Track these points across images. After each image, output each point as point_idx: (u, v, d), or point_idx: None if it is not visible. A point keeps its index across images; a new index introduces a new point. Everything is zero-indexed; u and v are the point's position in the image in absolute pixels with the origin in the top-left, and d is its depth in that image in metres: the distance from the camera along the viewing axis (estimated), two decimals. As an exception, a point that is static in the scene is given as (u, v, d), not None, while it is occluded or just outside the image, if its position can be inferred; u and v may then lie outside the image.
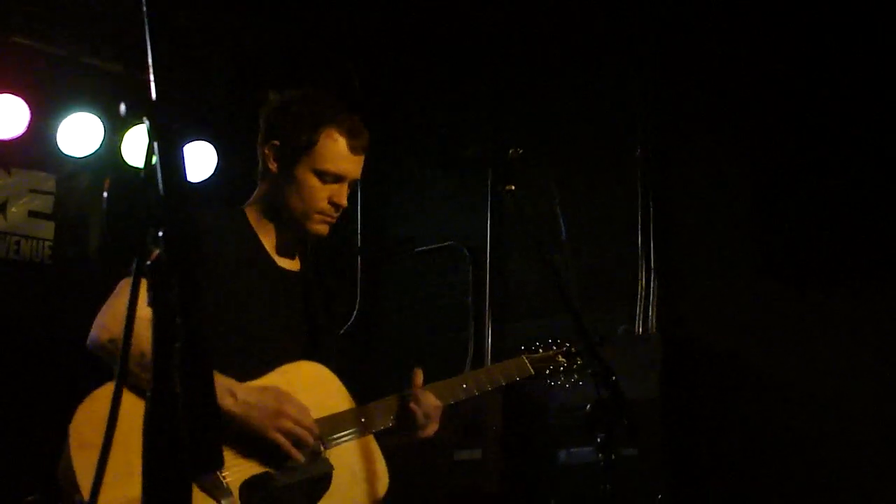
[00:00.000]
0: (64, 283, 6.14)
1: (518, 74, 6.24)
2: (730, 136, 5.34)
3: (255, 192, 3.26)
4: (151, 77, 1.55)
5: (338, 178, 3.16)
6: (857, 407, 4.73)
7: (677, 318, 5.36)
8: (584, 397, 3.27)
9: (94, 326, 2.87)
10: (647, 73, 5.67)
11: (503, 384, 3.41)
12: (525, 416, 5.19)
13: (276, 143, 3.19)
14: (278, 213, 3.19)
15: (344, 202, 3.17)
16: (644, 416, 4.63)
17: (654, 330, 5.36)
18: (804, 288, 4.98)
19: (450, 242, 6.41)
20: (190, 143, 6.21)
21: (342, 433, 3.03)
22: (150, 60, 1.59)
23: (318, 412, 2.99)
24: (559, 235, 5.16)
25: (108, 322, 2.83)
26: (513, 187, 3.10)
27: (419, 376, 3.21)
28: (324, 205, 3.15)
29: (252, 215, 3.21)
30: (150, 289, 1.51)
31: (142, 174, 1.56)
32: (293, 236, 3.23)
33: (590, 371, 3.06)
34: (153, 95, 1.56)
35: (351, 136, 3.18)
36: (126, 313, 2.69)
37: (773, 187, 5.08)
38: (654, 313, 5.40)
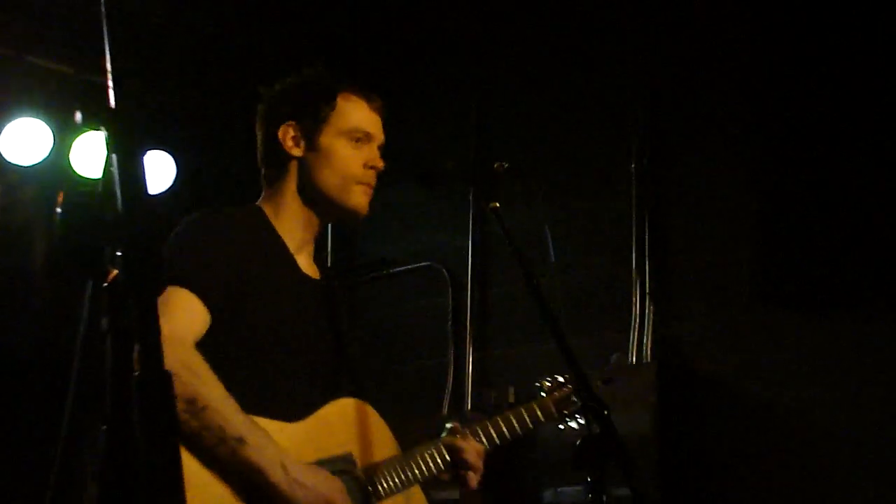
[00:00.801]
0: (3, 297, 6.13)
1: (503, 83, 6.27)
2: (730, 150, 5.37)
3: (269, 189, 3.21)
4: (109, 82, 1.54)
5: (368, 136, 3.17)
6: (866, 441, 4.76)
7: (674, 345, 5.38)
8: (572, 432, 3.27)
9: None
10: (641, 80, 5.71)
11: (531, 428, 3.41)
12: (508, 451, 5.18)
13: (292, 122, 3.17)
14: (309, 199, 3.15)
15: (380, 164, 3.16)
16: (638, 453, 4.64)
17: (649, 359, 5.37)
18: (810, 314, 5.01)
19: (428, 263, 6.41)
20: (147, 153, 6.19)
21: (389, 482, 3.05)
22: (107, 63, 1.58)
23: (366, 458, 3.02)
24: (547, 256, 5.16)
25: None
26: (497, 204, 3.10)
27: (457, 426, 3.24)
28: (360, 170, 3.14)
29: (270, 212, 3.16)
30: (105, 313, 1.50)
31: (98, 187, 1.55)
32: (316, 233, 3.21)
33: (580, 403, 3.07)
34: (111, 102, 1.55)
35: (367, 96, 3.22)
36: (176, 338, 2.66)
37: (777, 204, 5.10)
38: (649, 340, 5.42)
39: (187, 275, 2.82)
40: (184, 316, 2.79)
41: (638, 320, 5.48)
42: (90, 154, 5.88)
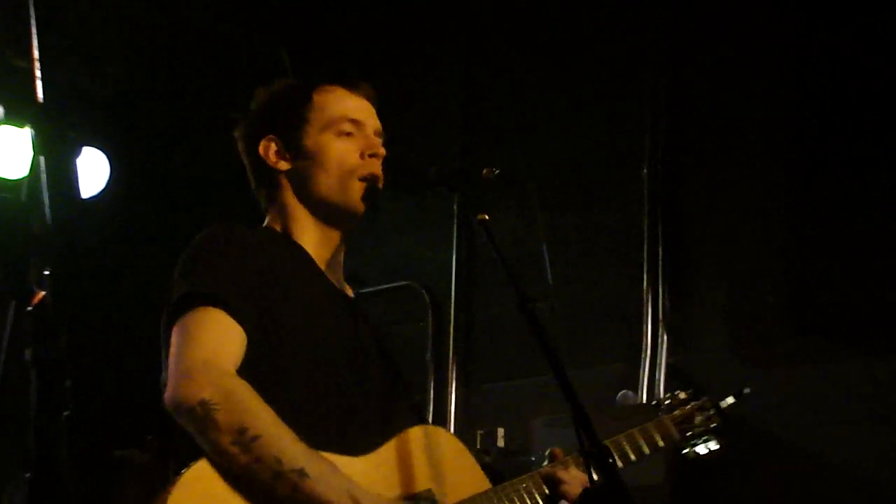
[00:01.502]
0: None
1: (493, 75, 6.29)
2: (760, 152, 5.40)
3: (271, 210, 3.26)
4: (37, 73, 1.54)
5: (357, 125, 3.21)
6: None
7: (690, 381, 5.40)
8: (698, 458, 3.33)
9: (177, 378, 2.75)
10: (655, 70, 5.74)
11: (647, 453, 3.45)
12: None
13: (272, 135, 3.23)
14: (314, 210, 3.19)
15: (381, 150, 3.20)
16: (648, 506, 4.66)
17: (662, 396, 5.39)
18: (847, 345, 5.04)
19: (405, 283, 6.43)
20: (80, 153, 6.18)
21: None
22: (35, 52, 1.58)
23: (450, 494, 3.03)
24: (544, 276, 5.18)
25: (197, 375, 2.74)
26: (486, 216, 3.11)
27: (558, 451, 3.26)
28: (357, 162, 3.17)
29: (288, 230, 3.20)
30: (32, 341, 1.51)
31: (22, 192, 1.55)
32: (338, 246, 3.25)
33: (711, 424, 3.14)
34: (39, 96, 1.55)
35: (349, 84, 3.28)
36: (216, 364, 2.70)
37: (813, 217, 5.13)
38: (662, 375, 5.44)
39: (217, 292, 2.84)
40: (219, 339, 2.82)
41: (649, 351, 5.50)
42: (14, 154, 5.85)
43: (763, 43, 5.43)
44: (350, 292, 3.30)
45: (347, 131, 3.20)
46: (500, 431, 5.67)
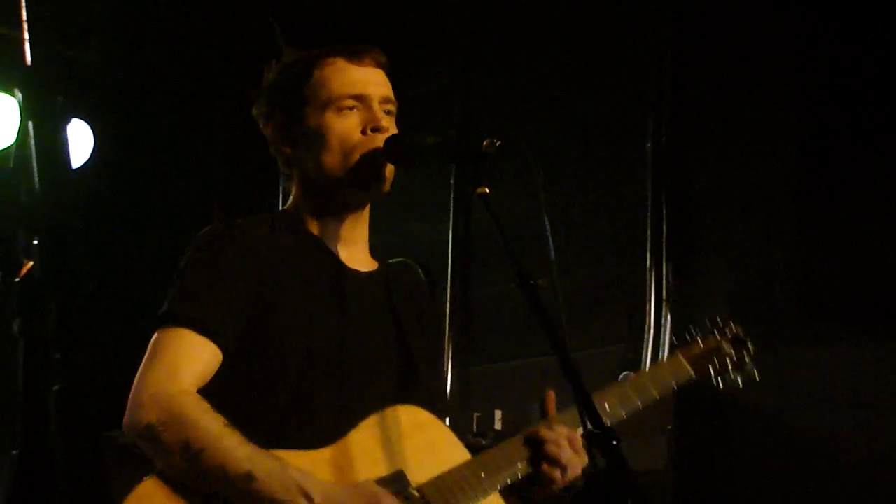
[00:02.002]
0: None
1: (493, 42, 6.27)
2: (768, 127, 5.40)
3: (291, 196, 3.33)
4: (26, 36, 1.54)
5: (358, 99, 3.21)
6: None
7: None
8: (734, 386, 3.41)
9: (129, 406, 2.83)
10: (660, 38, 5.72)
11: (657, 398, 3.44)
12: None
13: (278, 117, 3.27)
14: (323, 189, 3.21)
15: (384, 123, 3.19)
16: (652, 490, 4.66)
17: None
18: (857, 327, 5.04)
19: (401, 260, 6.42)
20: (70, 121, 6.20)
21: (459, 496, 3.03)
22: (23, 14, 1.58)
23: (424, 473, 3.02)
24: (546, 253, 5.16)
25: (146, 400, 2.82)
26: (486, 190, 3.11)
27: (552, 399, 3.23)
28: (359, 137, 3.17)
29: (298, 212, 3.25)
30: (19, 313, 1.51)
31: (10, 160, 1.55)
32: (353, 221, 3.26)
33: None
34: (28, 59, 1.55)
35: (351, 53, 3.26)
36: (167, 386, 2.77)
37: (822, 196, 5.13)
38: (666, 356, 5.44)
39: (189, 309, 2.92)
40: (179, 360, 2.87)
41: (653, 331, 5.51)
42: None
43: (771, 16, 5.41)
44: (371, 267, 3.29)
45: (349, 106, 3.19)
46: (498, 414, 5.66)
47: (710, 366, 3.62)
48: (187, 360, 2.88)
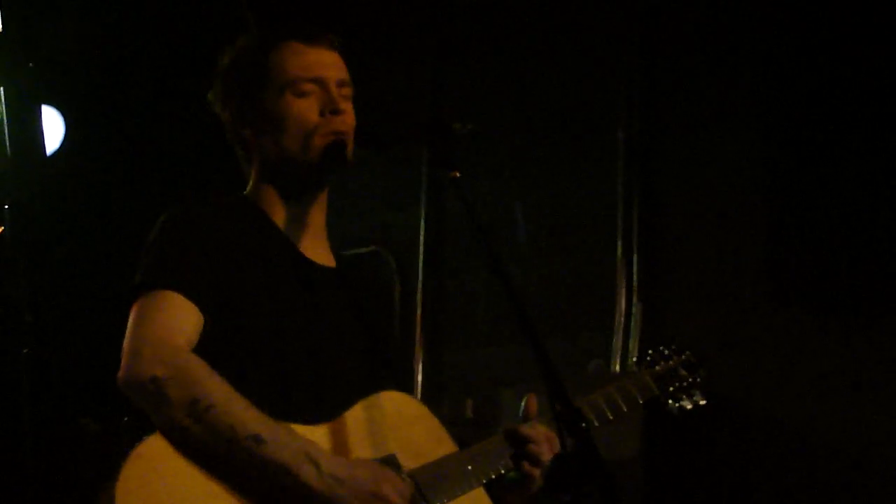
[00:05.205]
0: None
1: (465, 27, 6.26)
2: (738, 117, 5.41)
3: (250, 176, 3.31)
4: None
5: (316, 81, 3.21)
6: (880, 464, 4.83)
7: (672, 342, 5.42)
8: (683, 413, 3.45)
9: (127, 357, 2.83)
10: (632, 27, 5.73)
11: (625, 411, 3.47)
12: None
13: (235, 100, 3.28)
14: (282, 173, 3.22)
15: (341, 106, 3.20)
16: (621, 476, 4.67)
17: (636, 367, 5.41)
18: (823, 317, 5.07)
19: (372, 248, 6.41)
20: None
21: (444, 486, 3.05)
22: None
23: (413, 459, 3.04)
24: (517, 235, 5.19)
25: (147, 353, 2.81)
26: (457, 174, 3.11)
27: (533, 402, 3.25)
28: (317, 119, 3.18)
29: (256, 198, 3.26)
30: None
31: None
32: (313, 211, 3.27)
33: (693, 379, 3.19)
34: (-1, 26, 1.55)
35: (307, 36, 3.27)
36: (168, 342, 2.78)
37: (790, 188, 5.15)
38: (636, 345, 5.46)
39: (171, 275, 2.92)
40: (170, 319, 2.88)
41: (623, 321, 5.52)
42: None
43: (740, 9, 5.43)
44: (327, 258, 3.31)
45: (307, 90, 3.21)
46: (468, 402, 5.67)
47: (669, 388, 3.66)
48: (178, 320, 2.89)
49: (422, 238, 6.21)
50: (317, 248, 3.28)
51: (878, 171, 4.94)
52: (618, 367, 5.43)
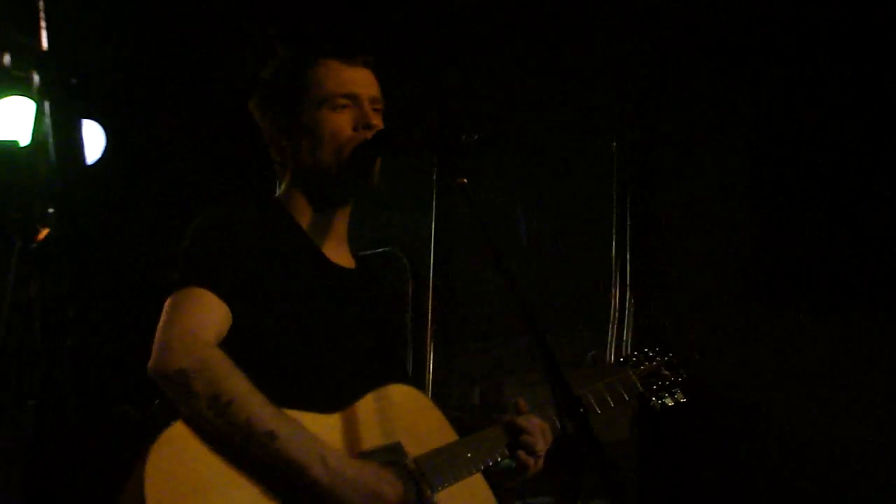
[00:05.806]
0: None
1: (472, 46, 6.26)
2: (729, 123, 5.40)
3: (282, 182, 3.34)
4: (42, 21, 1.54)
5: (350, 98, 3.24)
6: (863, 448, 4.82)
7: (657, 343, 5.42)
8: (666, 409, 3.50)
9: (158, 349, 2.86)
10: (630, 39, 5.72)
11: (612, 406, 3.51)
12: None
13: (274, 110, 3.30)
14: (314, 182, 3.25)
15: (374, 121, 3.23)
16: (616, 460, 4.68)
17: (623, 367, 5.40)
18: (810, 312, 5.06)
19: (385, 249, 6.42)
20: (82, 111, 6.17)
21: (446, 472, 3.07)
22: (40, 3, 1.58)
23: (417, 447, 3.06)
24: (519, 240, 5.19)
25: (177, 345, 2.84)
26: (464, 181, 3.12)
27: (523, 403, 3.29)
28: (350, 133, 3.20)
29: (286, 203, 3.27)
30: (36, 275, 1.52)
31: (29, 139, 1.55)
32: (337, 217, 3.30)
33: (675, 378, 3.21)
34: (44, 43, 1.55)
35: (343, 54, 3.30)
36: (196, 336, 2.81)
37: (779, 188, 5.15)
38: (630, 338, 5.46)
39: (203, 273, 2.95)
40: (200, 314, 2.90)
41: (617, 314, 5.52)
42: (14, 120, 5.83)
43: (733, 20, 5.42)
44: (348, 260, 3.33)
45: (342, 105, 3.23)
46: (476, 390, 5.68)
47: (652, 386, 3.69)
48: (209, 316, 2.91)
49: (432, 239, 6.22)
50: (338, 252, 3.31)
51: (863, 173, 4.93)
52: (612, 358, 5.42)
